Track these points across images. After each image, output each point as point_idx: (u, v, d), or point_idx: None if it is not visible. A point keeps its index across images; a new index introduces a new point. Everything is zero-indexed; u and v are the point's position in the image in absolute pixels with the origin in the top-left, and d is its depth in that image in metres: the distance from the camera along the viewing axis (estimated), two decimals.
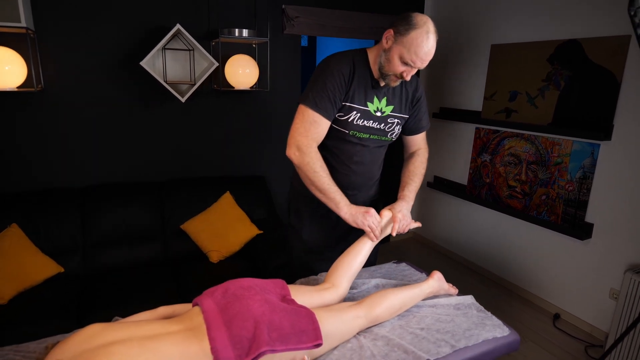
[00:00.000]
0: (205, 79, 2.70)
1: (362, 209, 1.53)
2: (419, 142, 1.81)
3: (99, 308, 2.05)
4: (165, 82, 2.55)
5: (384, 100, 1.59)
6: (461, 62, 3.36)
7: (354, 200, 1.62)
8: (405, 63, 1.44)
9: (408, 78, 1.49)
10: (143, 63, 2.42)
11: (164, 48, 2.59)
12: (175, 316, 1.27)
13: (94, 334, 1.06)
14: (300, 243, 1.82)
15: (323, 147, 1.60)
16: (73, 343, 1.05)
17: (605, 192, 2.46)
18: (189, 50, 2.67)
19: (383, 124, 1.62)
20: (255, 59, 2.81)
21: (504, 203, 3.07)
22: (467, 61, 3.30)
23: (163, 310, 1.31)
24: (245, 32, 2.66)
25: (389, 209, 1.60)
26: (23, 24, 2.07)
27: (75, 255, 2.40)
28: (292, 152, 1.52)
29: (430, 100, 3.73)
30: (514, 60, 2.90)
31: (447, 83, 3.53)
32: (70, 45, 2.43)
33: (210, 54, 2.68)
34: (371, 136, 1.63)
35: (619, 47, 2.30)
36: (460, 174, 3.49)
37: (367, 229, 1.52)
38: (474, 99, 3.27)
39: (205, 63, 2.72)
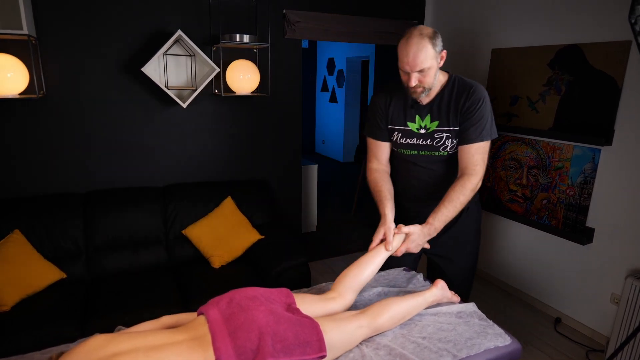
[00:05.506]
0: (207, 85, 2.70)
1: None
2: (465, 157, 1.66)
3: (102, 313, 2.05)
4: (167, 87, 2.56)
5: (427, 118, 1.70)
6: (462, 66, 3.36)
7: (423, 214, 1.67)
8: (403, 72, 1.59)
9: (412, 83, 1.56)
10: (144, 69, 2.43)
11: (165, 54, 2.59)
12: (179, 325, 1.28)
13: (99, 346, 1.07)
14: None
15: (391, 165, 1.87)
16: (78, 354, 1.06)
17: (606, 197, 2.46)
18: (190, 55, 2.68)
19: (430, 140, 1.71)
20: (256, 64, 2.81)
21: (505, 207, 3.08)
22: (468, 65, 3.30)
23: (166, 319, 1.31)
24: (246, 38, 2.66)
25: (407, 232, 1.57)
26: (25, 31, 2.08)
27: (78, 260, 2.40)
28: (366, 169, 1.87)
29: None
30: (514, 65, 2.90)
31: None
32: (71, 52, 2.43)
33: (211, 60, 2.69)
34: (420, 152, 1.75)
35: (620, 53, 2.30)
36: None
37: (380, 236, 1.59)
38: None
39: (206, 68, 2.72)
